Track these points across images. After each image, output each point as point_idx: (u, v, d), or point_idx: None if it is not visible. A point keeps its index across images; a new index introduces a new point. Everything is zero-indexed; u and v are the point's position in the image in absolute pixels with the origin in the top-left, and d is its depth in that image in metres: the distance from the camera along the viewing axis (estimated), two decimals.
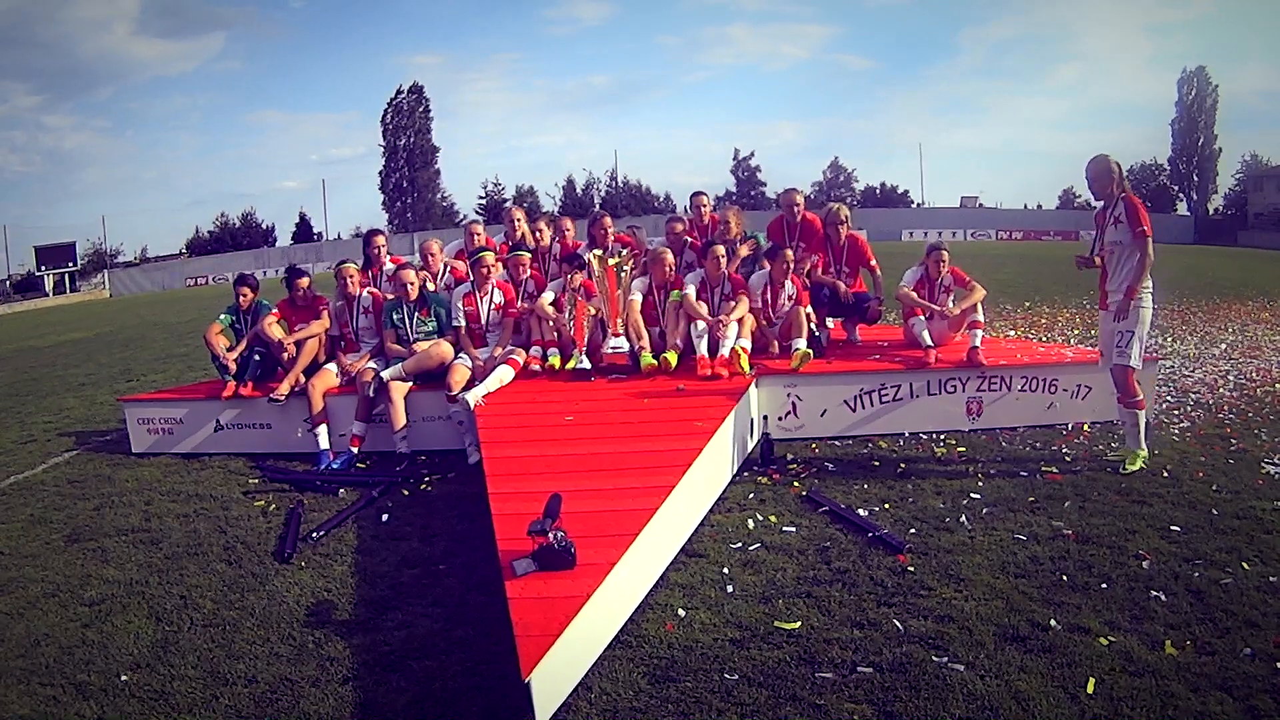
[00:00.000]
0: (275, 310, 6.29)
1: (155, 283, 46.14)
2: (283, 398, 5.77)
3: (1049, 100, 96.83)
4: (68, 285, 45.41)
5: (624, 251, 6.19)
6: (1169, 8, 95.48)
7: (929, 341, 5.88)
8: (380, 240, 6.78)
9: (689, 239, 6.78)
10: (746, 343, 5.78)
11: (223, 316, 6.40)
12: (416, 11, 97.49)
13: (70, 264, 46.22)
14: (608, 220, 6.88)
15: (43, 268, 45.22)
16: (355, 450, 5.63)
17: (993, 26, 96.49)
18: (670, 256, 6.25)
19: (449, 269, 6.69)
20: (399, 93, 57.96)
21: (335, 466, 5.52)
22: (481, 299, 6.08)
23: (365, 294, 6.21)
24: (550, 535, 3.02)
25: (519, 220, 7.12)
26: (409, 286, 5.91)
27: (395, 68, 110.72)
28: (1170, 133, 54.36)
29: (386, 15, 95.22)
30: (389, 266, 6.58)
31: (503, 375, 5.70)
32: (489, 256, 6.13)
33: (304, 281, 6.28)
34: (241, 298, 6.35)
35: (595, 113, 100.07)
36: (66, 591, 3.85)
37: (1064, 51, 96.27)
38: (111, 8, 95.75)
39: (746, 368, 5.60)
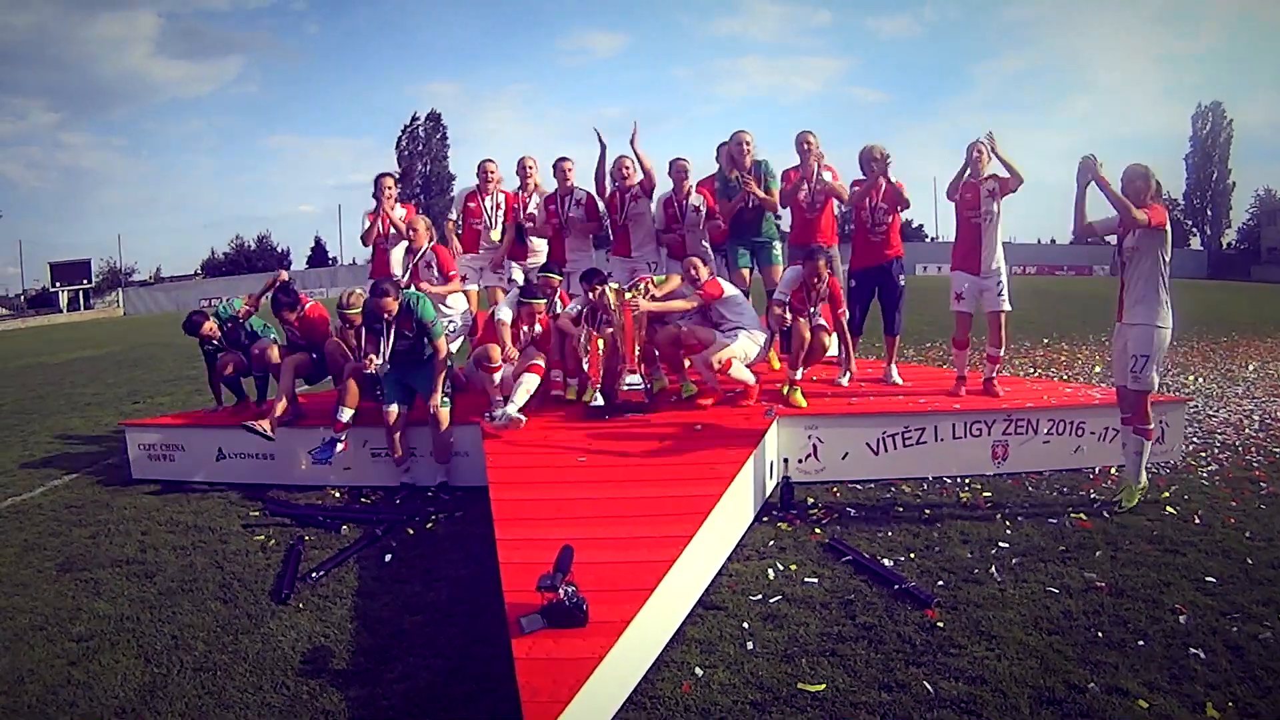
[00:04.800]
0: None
1: (169, 303, 46.25)
2: (269, 431, 5.56)
3: (1061, 133, 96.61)
4: (82, 302, 45.66)
5: (643, 285, 6.03)
6: (1180, 40, 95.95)
7: (962, 371, 6.01)
8: (389, 183, 6.70)
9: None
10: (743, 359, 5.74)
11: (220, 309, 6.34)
12: (432, 40, 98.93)
13: (85, 281, 46.51)
14: (568, 164, 6.70)
15: (57, 284, 45.46)
16: (340, 436, 5.36)
17: (1005, 59, 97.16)
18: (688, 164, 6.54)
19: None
20: (414, 119, 58.15)
21: (314, 455, 5.37)
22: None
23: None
24: (560, 591, 2.84)
25: (532, 168, 6.89)
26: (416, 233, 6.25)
27: (411, 95, 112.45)
28: (1184, 167, 54.13)
29: (402, 43, 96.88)
30: (399, 211, 6.63)
31: (529, 385, 5.65)
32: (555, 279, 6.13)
33: (291, 316, 6.11)
34: (249, 307, 6.30)
35: (609, 143, 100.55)
36: (55, 625, 3.71)
37: (1076, 83, 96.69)
38: (130, 28, 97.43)
39: (748, 377, 5.67)
